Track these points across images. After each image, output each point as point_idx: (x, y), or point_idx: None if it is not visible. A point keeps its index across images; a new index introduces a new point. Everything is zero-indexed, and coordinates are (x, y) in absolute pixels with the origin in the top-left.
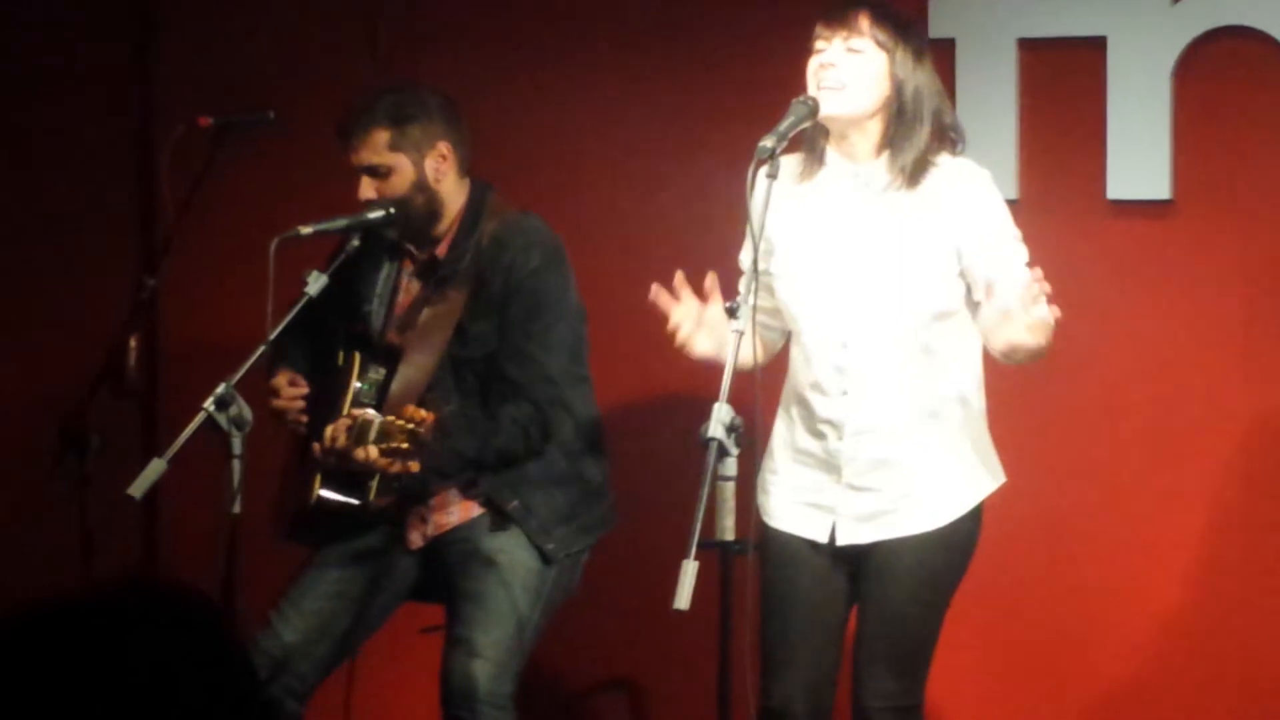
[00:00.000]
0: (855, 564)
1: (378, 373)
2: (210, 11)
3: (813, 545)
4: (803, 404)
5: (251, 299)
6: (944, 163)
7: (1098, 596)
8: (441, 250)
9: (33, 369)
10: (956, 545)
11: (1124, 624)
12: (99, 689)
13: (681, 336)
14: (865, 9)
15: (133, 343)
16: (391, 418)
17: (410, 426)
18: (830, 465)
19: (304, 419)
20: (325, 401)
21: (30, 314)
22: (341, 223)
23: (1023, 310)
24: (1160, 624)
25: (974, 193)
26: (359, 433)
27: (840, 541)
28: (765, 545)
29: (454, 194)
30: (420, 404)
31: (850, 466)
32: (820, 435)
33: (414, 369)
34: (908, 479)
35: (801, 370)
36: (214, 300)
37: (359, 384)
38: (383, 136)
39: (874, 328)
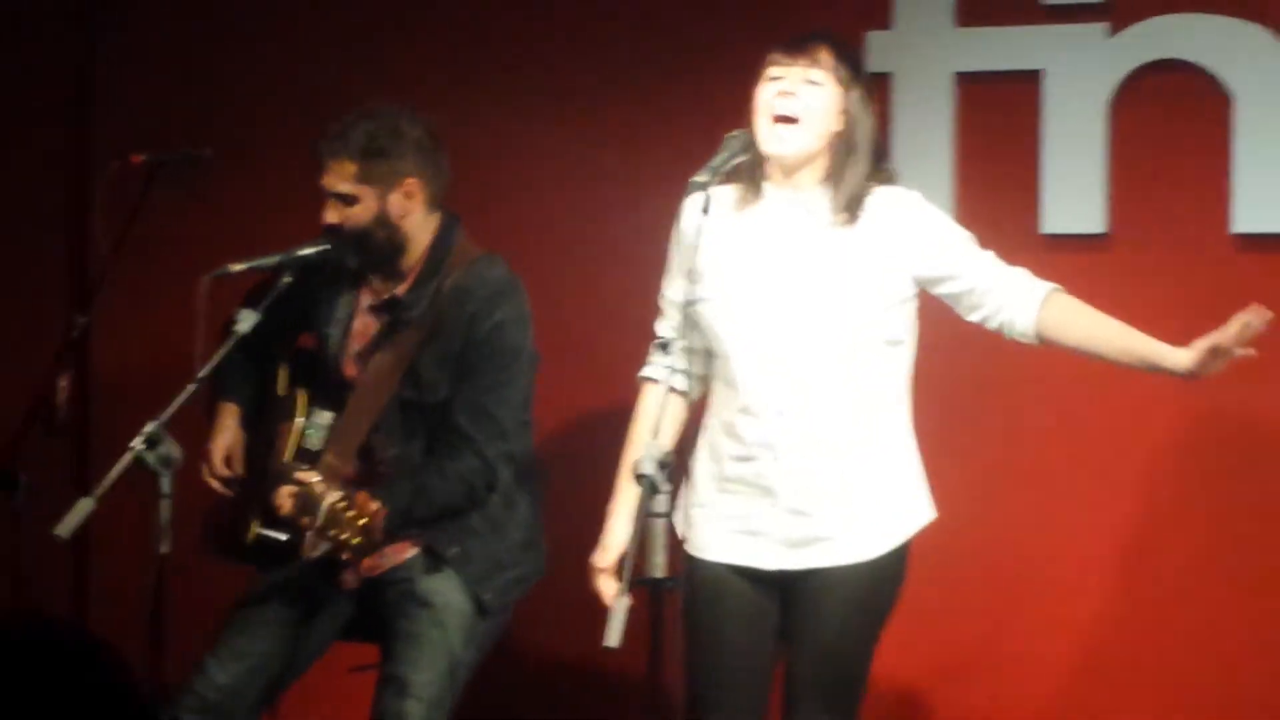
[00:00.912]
0: (785, 597)
1: (322, 416)
2: (146, 49)
3: (742, 578)
4: (730, 432)
5: (183, 337)
6: (877, 191)
7: (1031, 622)
8: (402, 289)
9: None
10: (887, 577)
11: (1056, 648)
12: None
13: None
14: (827, 43)
15: (63, 381)
16: (341, 504)
17: (362, 522)
18: (764, 489)
19: (227, 492)
20: (264, 430)
21: None
22: (273, 259)
23: (1232, 347)
24: (1093, 647)
25: (909, 212)
26: (304, 504)
27: (771, 566)
28: (692, 580)
29: (420, 228)
30: (367, 445)
31: (785, 487)
32: (751, 459)
33: (363, 410)
34: (843, 505)
35: (726, 399)
36: (145, 338)
37: (303, 422)
38: (350, 168)
39: (809, 349)
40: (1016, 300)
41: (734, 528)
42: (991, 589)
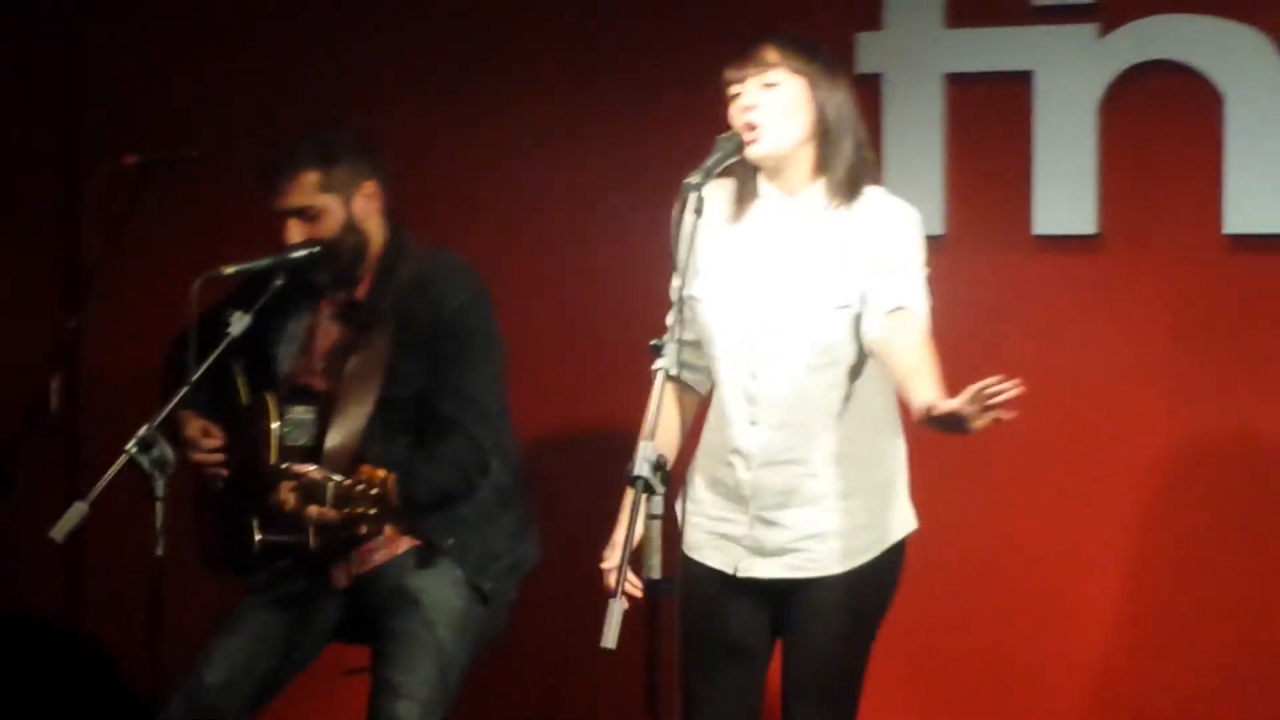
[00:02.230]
0: (776, 600)
1: (296, 413)
2: (136, 49)
3: (728, 579)
4: (720, 432)
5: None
6: (867, 194)
7: (1029, 628)
8: (360, 292)
9: None
10: (877, 581)
11: (1056, 655)
12: None
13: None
14: (769, 42)
15: (55, 382)
16: (348, 481)
17: (374, 491)
18: (738, 496)
19: (223, 472)
20: (239, 440)
21: None
22: (265, 262)
23: (973, 413)
24: (1092, 653)
25: (883, 219)
26: (308, 493)
27: (741, 574)
28: (686, 578)
29: (376, 233)
30: (360, 452)
31: (756, 500)
32: (730, 465)
33: (350, 417)
34: (816, 518)
35: (719, 399)
36: (137, 339)
37: (277, 424)
38: (311, 178)
39: (783, 360)
40: (872, 311)
41: (711, 529)
42: (991, 597)
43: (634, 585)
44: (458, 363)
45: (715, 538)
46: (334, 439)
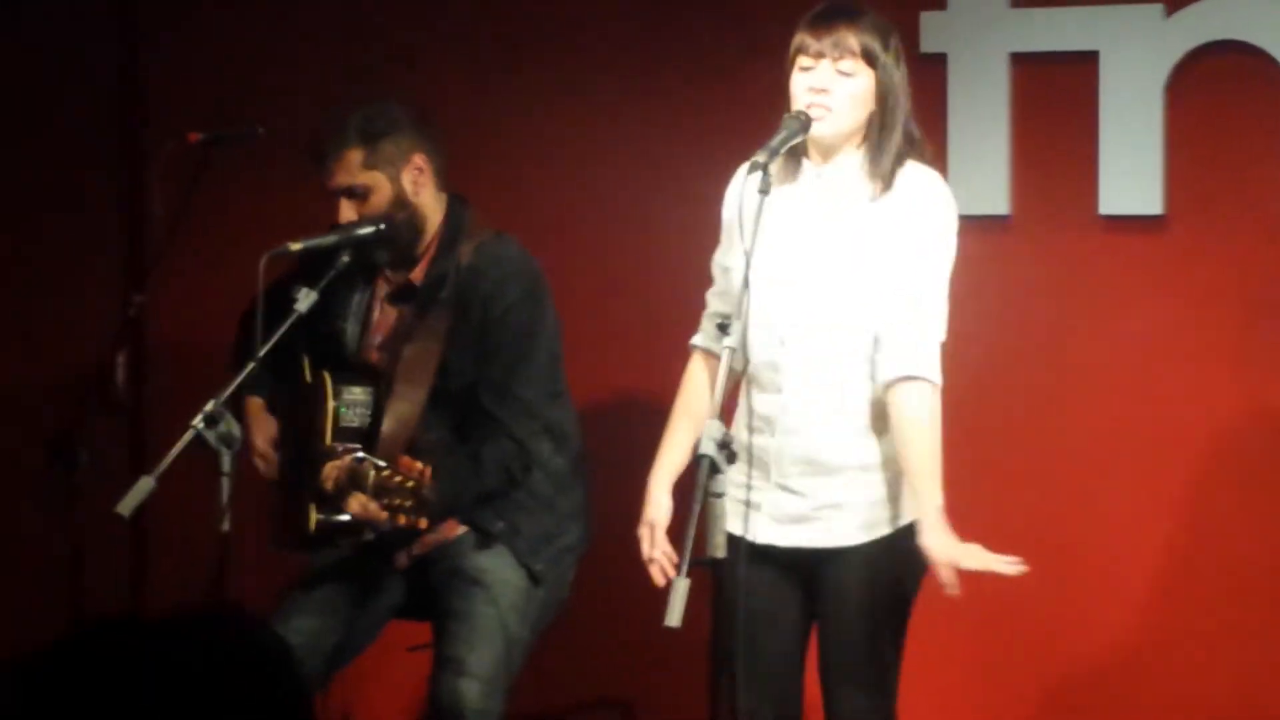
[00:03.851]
0: (803, 575)
1: (353, 393)
2: (198, 26)
3: (751, 547)
4: (748, 399)
5: (240, 315)
6: (908, 170)
7: (1081, 610)
8: (418, 275)
9: (21, 385)
10: (900, 558)
11: (1104, 633)
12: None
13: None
14: (851, 25)
15: (121, 359)
16: (387, 472)
17: (410, 484)
18: (761, 462)
19: (276, 475)
20: (299, 419)
21: (18, 330)
22: (332, 239)
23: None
24: (1141, 633)
25: (914, 199)
26: (352, 478)
27: (759, 540)
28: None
29: (433, 208)
30: (413, 439)
31: (777, 466)
32: (757, 430)
33: (405, 403)
34: (836, 488)
35: (748, 367)
36: (202, 316)
37: (335, 404)
38: (356, 156)
39: (812, 330)
40: (887, 362)
41: (737, 496)
42: (1045, 576)
43: (671, 561)
44: (505, 361)
45: (739, 505)
46: (388, 424)
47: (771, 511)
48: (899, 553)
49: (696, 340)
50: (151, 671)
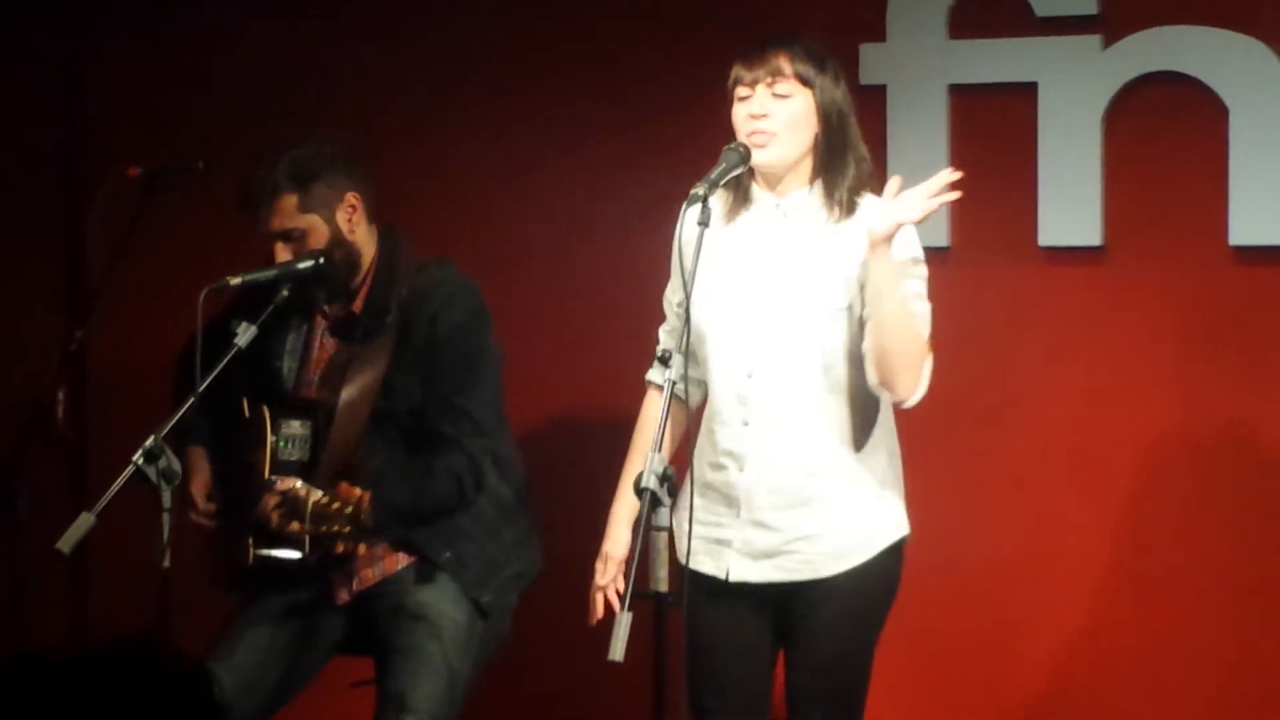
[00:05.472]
0: (775, 606)
1: (291, 427)
2: (139, 61)
3: (722, 585)
4: (709, 436)
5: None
6: (866, 200)
7: (1032, 635)
8: (357, 305)
9: None
10: (872, 585)
11: (1057, 659)
12: None
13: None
14: (783, 49)
15: (61, 394)
16: (325, 499)
17: (348, 510)
18: (730, 499)
19: (209, 523)
20: (238, 455)
21: None
22: (271, 272)
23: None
24: (1095, 655)
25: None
26: (290, 509)
27: (732, 578)
28: (687, 587)
29: (366, 242)
30: (354, 467)
31: (748, 501)
32: (722, 468)
33: (345, 431)
34: (808, 519)
35: (711, 402)
36: (143, 351)
37: (274, 439)
38: (290, 201)
39: (778, 360)
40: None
41: (704, 534)
42: (992, 599)
43: (617, 594)
44: (453, 379)
45: (708, 543)
46: (328, 453)
47: (742, 548)
48: (870, 581)
49: (651, 375)
50: (49, 713)
